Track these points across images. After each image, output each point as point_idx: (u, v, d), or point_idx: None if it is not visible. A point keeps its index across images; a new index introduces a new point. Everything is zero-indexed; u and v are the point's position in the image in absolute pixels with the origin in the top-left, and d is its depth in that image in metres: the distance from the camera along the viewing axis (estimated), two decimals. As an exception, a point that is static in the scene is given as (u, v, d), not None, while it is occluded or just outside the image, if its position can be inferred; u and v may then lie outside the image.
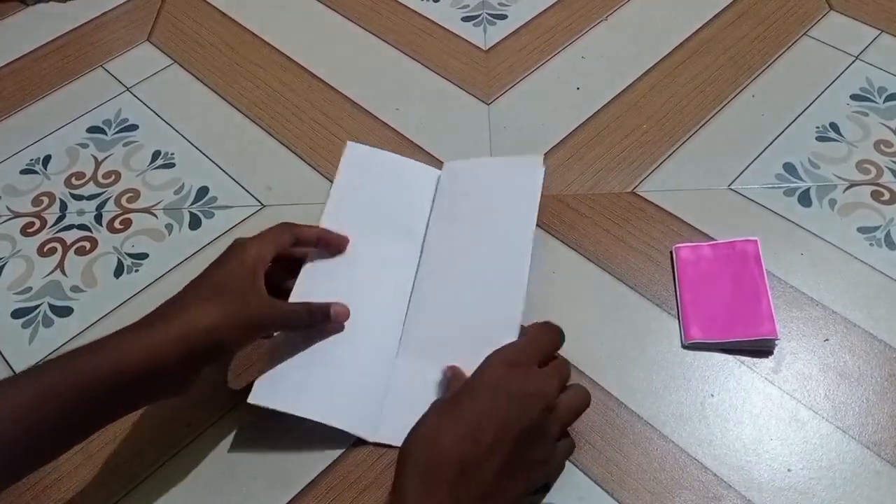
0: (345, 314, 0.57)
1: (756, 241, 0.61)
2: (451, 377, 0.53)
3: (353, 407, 0.55)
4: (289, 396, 0.53)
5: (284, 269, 0.58)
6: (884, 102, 0.73)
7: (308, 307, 0.55)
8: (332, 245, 0.60)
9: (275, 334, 0.58)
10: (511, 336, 0.54)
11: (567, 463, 0.51)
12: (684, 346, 0.57)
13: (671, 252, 0.63)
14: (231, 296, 0.49)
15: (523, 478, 0.46)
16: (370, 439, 0.54)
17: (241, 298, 0.50)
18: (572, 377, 0.51)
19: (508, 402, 0.45)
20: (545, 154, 0.71)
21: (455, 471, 0.43)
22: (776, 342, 0.57)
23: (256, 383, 0.53)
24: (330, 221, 0.62)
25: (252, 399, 0.52)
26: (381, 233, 0.63)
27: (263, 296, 0.51)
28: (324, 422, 0.53)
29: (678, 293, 0.60)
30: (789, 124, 0.72)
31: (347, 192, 0.66)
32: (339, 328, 0.57)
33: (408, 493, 0.43)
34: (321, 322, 0.56)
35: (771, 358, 0.57)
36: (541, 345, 0.50)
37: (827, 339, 0.58)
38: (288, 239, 0.56)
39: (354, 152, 0.69)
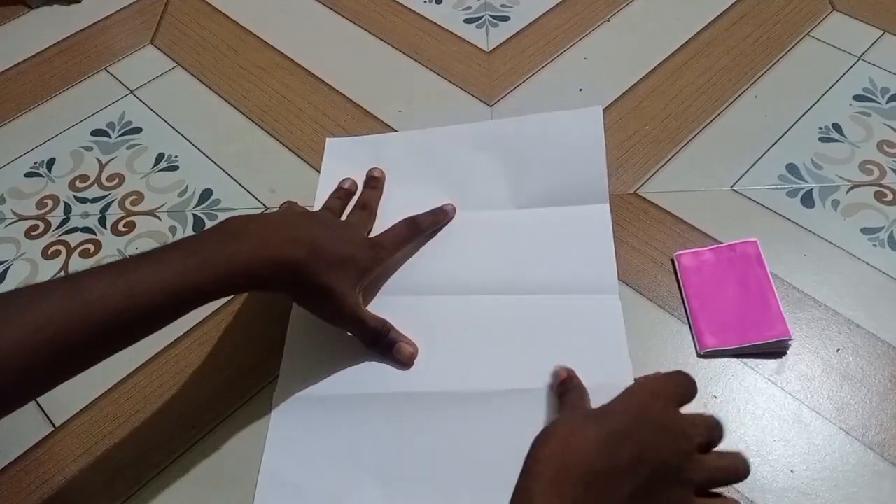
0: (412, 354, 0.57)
1: (755, 241, 0.61)
2: (570, 383, 0.53)
3: None
4: None
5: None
6: (886, 103, 0.73)
7: (382, 325, 0.57)
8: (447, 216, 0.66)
9: None
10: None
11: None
12: (700, 356, 0.57)
13: (672, 260, 0.63)
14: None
15: None
16: None
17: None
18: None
19: (653, 433, 0.42)
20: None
21: (584, 480, 0.40)
22: (790, 342, 0.57)
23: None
24: None
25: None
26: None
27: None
28: None
29: (686, 302, 0.60)
30: (792, 125, 0.72)
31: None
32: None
33: (535, 492, 0.40)
34: (382, 345, 0.57)
35: (774, 359, 0.57)
36: (679, 387, 0.46)
37: (830, 341, 0.58)
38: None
39: (333, 147, 0.72)
